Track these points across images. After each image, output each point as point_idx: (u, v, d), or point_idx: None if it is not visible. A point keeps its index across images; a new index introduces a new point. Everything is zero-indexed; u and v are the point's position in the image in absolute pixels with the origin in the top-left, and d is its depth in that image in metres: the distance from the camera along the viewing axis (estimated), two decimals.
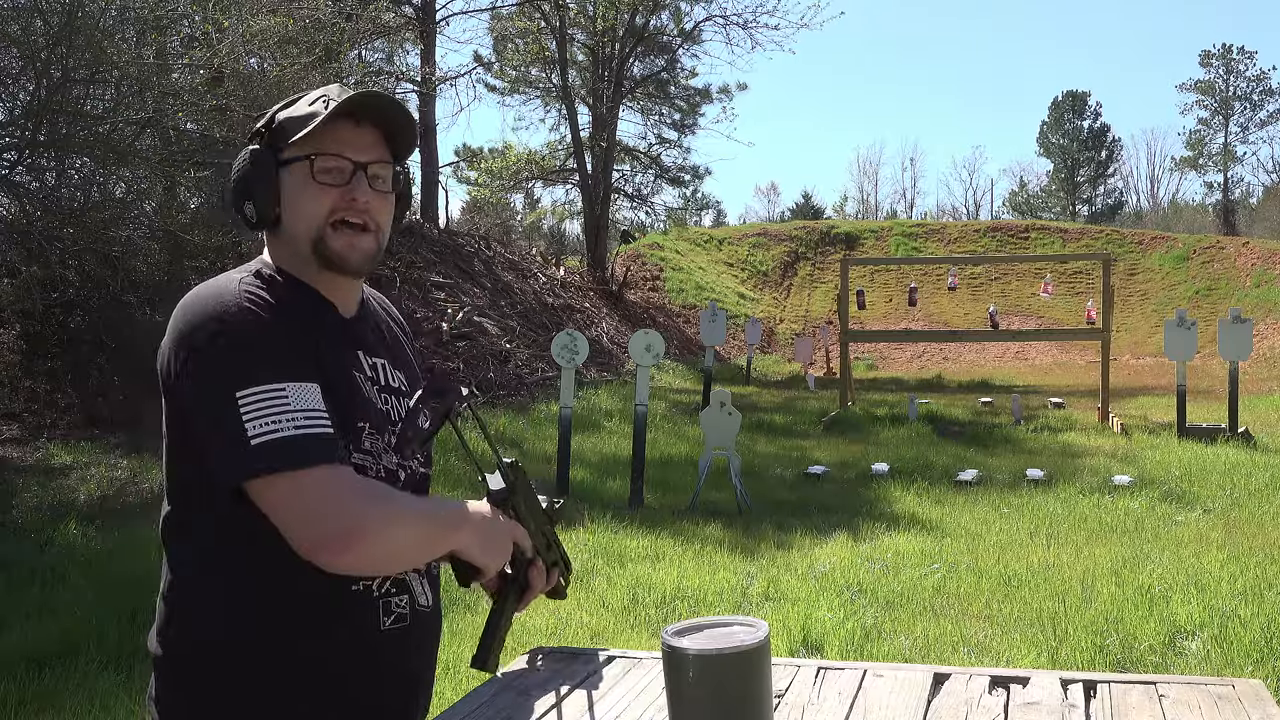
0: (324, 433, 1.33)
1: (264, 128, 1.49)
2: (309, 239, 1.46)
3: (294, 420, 1.31)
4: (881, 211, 59.59)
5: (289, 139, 1.45)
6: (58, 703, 4.09)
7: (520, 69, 24.18)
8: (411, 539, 1.41)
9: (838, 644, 4.70)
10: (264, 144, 1.48)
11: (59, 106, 8.50)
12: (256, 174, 1.45)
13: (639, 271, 24.21)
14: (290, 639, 1.42)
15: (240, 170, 1.47)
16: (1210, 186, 55.54)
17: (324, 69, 11.33)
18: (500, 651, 1.54)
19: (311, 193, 1.45)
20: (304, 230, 1.46)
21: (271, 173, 1.45)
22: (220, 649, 1.41)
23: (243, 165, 1.47)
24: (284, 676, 1.42)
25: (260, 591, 1.39)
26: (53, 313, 10.10)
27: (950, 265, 20.08)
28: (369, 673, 1.48)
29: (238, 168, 1.48)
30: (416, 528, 1.41)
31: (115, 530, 6.63)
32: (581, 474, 9.24)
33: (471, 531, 1.45)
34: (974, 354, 23.16)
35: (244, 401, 1.30)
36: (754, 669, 1.53)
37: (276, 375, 1.33)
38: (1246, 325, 11.54)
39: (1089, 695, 1.93)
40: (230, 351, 1.34)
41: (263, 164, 1.46)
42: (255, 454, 1.29)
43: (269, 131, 1.48)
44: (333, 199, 1.45)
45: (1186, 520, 7.40)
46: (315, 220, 1.45)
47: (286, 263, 1.49)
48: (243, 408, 1.30)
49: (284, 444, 1.30)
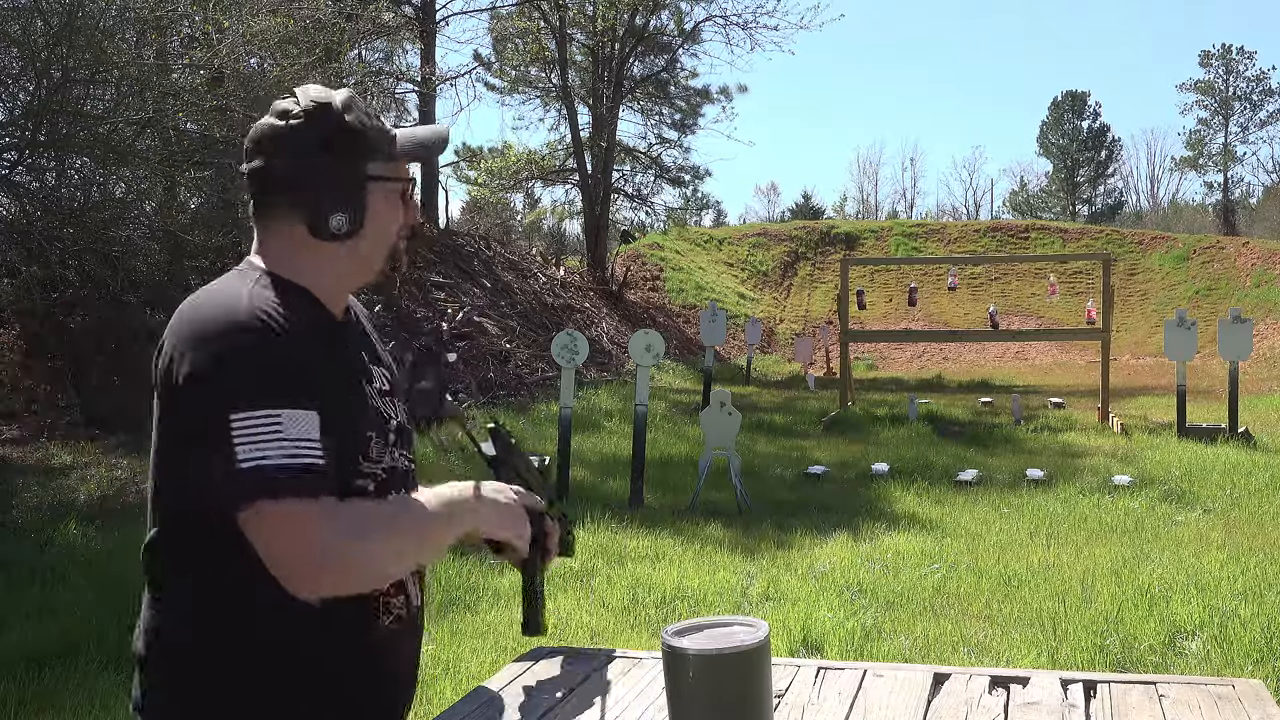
0: (312, 463, 1.32)
1: (334, 131, 1.47)
2: (386, 253, 1.54)
3: (286, 448, 1.30)
4: (881, 211, 59.62)
5: (371, 152, 1.49)
6: (58, 703, 4.09)
7: (520, 69, 24.18)
8: (393, 554, 1.42)
9: (838, 644, 4.70)
10: (338, 151, 1.47)
11: (59, 106, 8.50)
12: (351, 190, 1.48)
13: (639, 271, 24.21)
14: (290, 640, 1.41)
15: (324, 179, 1.46)
16: (1210, 186, 55.59)
17: (324, 69, 11.33)
18: (545, 611, 1.64)
19: (395, 211, 1.54)
20: (383, 244, 1.53)
21: (363, 188, 1.49)
22: (218, 651, 1.41)
23: (327, 176, 1.46)
24: (284, 677, 1.42)
25: (259, 593, 1.38)
26: (53, 313, 10.10)
27: (950, 265, 20.08)
28: (367, 672, 1.48)
29: (316, 176, 1.46)
30: (397, 543, 1.41)
31: (115, 530, 6.62)
32: (581, 474, 9.24)
33: (486, 513, 1.51)
34: (974, 354, 23.16)
35: (237, 424, 1.30)
36: (754, 669, 1.53)
37: (274, 401, 1.32)
38: (1246, 325, 11.54)
39: (1089, 695, 1.93)
40: (232, 371, 1.33)
41: (355, 179, 1.49)
42: (238, 478, 1.29)
43: (341, 133, 1.47)
44: (406, 215, 1.56)
45: (1186, 520, 7.40)
46: (393, 236, 1.54)
47: (287, 267, 1.48)
48: (234, 430, 1.30)
49: (270, 472, 1.29)
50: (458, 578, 5.89)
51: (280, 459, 1.30)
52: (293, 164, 1.46)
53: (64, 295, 10.12)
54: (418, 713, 3.98)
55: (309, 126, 1.46)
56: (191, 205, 10.93)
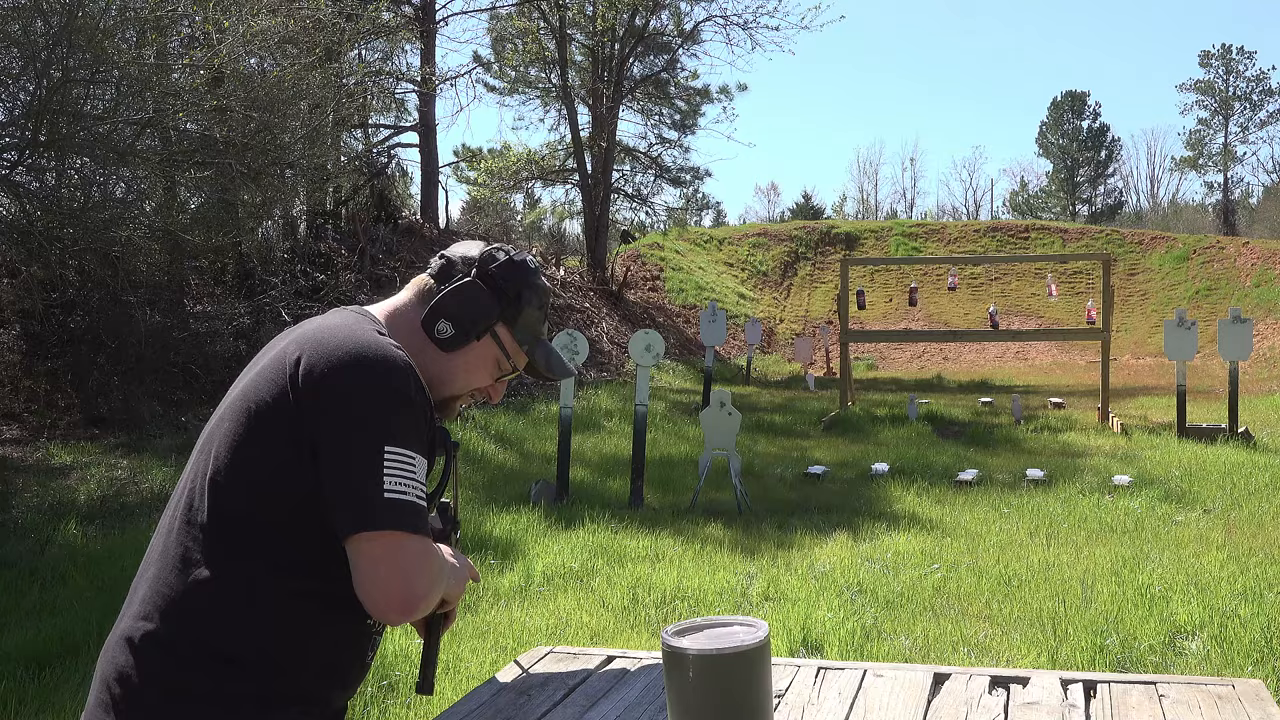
0: (425, 506, 1.44)
1: (506, 279, 1.61)
2: (449, 392, 1.62)
3: (418, 490, 1.41)
4: (881, 211, 59.60)
5: (514, 317, 1.63)
6: (58, 703, 4.09)
7: (520, 69, 24.16)
8: (437, 599, 1.52)
9: (838, 644, 4.70)
10: (497, 290, 1.61)
11: (59, 106, 8.49)
12: (476, 320, 1.59)
13: (639, 271, 24.21)
14: (306, 652, 1.47)
15: (470, 297, 1.59)
16: (1210, 186, 55.59)
17: (324, 69, 11.33)
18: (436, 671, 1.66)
19: (484, 373, 1.65)
20: (454, 382, 1.62)
21: (484, 329, 1.60)
22: (235, 669, 1.41)
23: (475, 297, 1.59)
24: (296, 681, 1.47)
25: (277, 590, 1.43)
26: (53, 313, 10.11)
27: (950, 265, 20.07)
28: (358, 668, 1.57)
29: (470, 296, 1.59)
30: (445, 589, 1.52)
31: (115, 530, 6.63)
32: (582, 474, 9.24)
33: (455, 572, 1.59)
34: (974, 354, 23.16)
35: (389, 457, 1.38)
36: (754, 669, 1.53)
37: (416, 444, 1.42)
38: (1246, 325, 11.54)
39: (1089, 695, 1.93)
40: (393, 407, 1.42)
41: (486, 317, 1.60)
42: (385, 508, 1.37)
43: (509, 280, 1.62)
44: (489, 388, 1.67)
45: (1186, 520, 7.40)
46: (465, 387, 1.64)
47: (406, 341, 1.56)
48: (386, 463, 1.38)
49: (408, 508, 1.39)
50: None
51: (415, 498, 1.40)
52: (467, 293, 1.59)
53: (64, 295, 10.13)
54: (417, 712, 3.98)
55: (511, 271, 1.62)
56: (191, 205, 10.92)
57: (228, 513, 1.43)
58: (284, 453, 1.41)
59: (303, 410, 1.41)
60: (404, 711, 4.01)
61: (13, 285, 10.06)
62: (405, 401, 1.42)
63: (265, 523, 1.42)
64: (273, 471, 1.42)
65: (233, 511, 1.43)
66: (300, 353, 1.44)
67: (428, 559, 1.41)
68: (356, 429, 1.39)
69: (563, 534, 7.00)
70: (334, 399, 1.40)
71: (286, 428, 1.42)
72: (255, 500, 1.43)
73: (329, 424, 1.40)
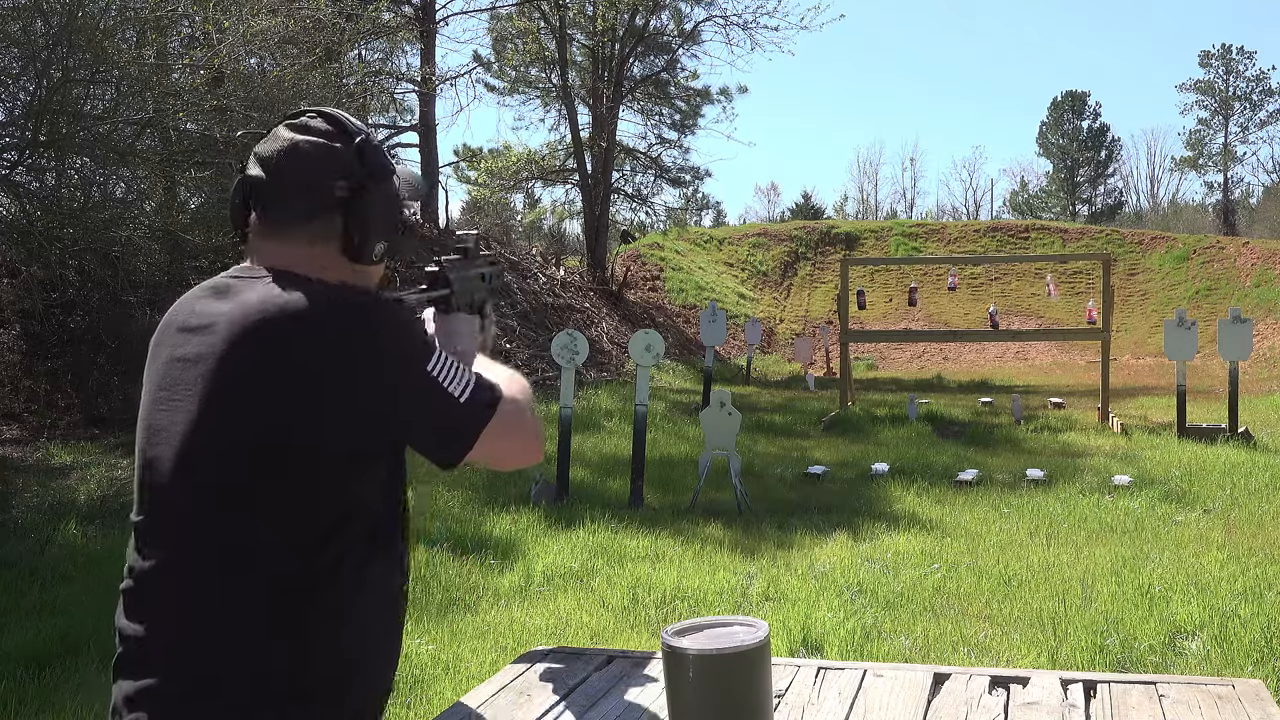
0: (479, 375, 1.48)
1: (382, 163, 1.53)
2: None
3: (467, 370, 1.46)
4: (881, 211, 59.59)
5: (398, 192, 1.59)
6: (58, 703, 4.09)
7: (520, 69, 24.15)
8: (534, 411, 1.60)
9: (838, 644, 4.70)
10: (385, 181, 1.55)
11: (59, 106, 8.50)
12: (394, 223, 1.55)
13: (639, 271, 24.21)
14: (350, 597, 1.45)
15: (378, 207, 1.51)
16: (1210, 186, 55.59)
17: (324, 69, 11.33)
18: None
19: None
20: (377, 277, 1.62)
21: (400, 225, 1.57)
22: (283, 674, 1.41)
23: (383, 205, 1.52)
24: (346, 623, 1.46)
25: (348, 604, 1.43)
26: (53, 313, 10.10)
27: (950, 265, 20.06)
28: (393, 621, 1.54)
29: (373, 203, 1.50)
30: (525, 396, 1.57)
31: (115, 530, 6.63)
32: (581, 474, 9.24)
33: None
34: (974, 354, 23.16)
35: (434, 373, 1.41)
36: (754, 669, 1.53)
37: (430, 338, 1.47)
38: (1246, 325, 11.54)
39: (1089, 695, 1.93)
40: (403, 333, 1.43)
41: (399, 214, 1.56)
42: (467, 413, 1.42)
43: (385, 165, 1.55)
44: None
45: (1186, 520, 7.40)
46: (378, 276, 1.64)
47: (332, 278, 1.48)
48: (438, 377, 1.41)
49: (477, 394, 1.43)
50: (458, 578, 5.89)
51: (471, 379, 1.44)
52: (349, 185, 1.48)
53: (64, 295, 10.12)
54: (417, 712, 3.98)
55: (366, 153, 1.50)
56: (191, 205, 10.92)
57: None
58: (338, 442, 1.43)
59: (291, 408, 1.37)
60: (404, 712, 4.01)
61: (13, 285, 10.05)
62: (394, 323, 1.42)
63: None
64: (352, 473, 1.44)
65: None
66: (306, 349, 1.37)
67: (518, 413, 1.47)
68: (397, 379, 1.39)
69: (563, 534, 7.00)
70: (359, 371, 1.37)
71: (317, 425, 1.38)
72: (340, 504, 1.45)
73: (363, 396, 1.37)
